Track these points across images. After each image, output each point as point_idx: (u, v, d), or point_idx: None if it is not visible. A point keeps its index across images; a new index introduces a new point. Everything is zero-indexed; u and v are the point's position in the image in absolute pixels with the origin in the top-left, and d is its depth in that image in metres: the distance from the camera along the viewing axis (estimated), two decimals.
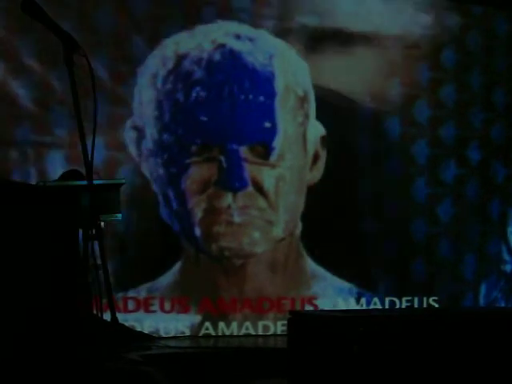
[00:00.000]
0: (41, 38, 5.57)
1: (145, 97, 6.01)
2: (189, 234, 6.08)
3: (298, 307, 6.24)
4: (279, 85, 6.25)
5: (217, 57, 6.13)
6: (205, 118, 6.06)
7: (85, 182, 3.58)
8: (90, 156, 3.22)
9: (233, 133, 6.11)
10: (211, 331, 6.10)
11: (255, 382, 4.50)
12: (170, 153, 6.03)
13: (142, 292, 5.96)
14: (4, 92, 5.65)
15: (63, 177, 4.52)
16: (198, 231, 6.07)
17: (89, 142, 3.23)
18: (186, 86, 6.06)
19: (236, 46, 6.17)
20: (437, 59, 6.76)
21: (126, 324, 5.62)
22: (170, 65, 6.06)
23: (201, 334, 6.06)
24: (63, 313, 3.40)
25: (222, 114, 6.09)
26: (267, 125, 6.20)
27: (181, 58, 6.08)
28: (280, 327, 6.20)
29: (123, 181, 4.60)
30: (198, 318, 6.08)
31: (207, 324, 6.09)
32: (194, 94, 6.05)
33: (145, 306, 5.96)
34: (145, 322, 5.92)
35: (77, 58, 3.28)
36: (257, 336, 6.19)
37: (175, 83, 6.05)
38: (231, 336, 6.12)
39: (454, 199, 6.80)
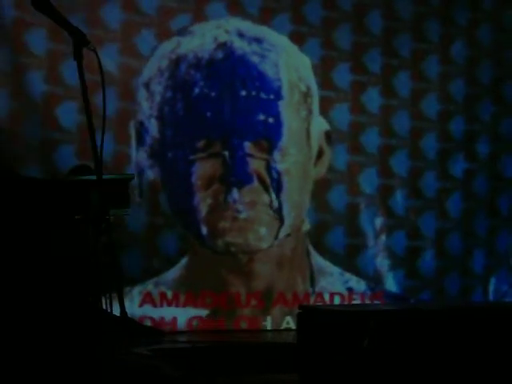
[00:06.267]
0: (50, 33, 5.58)
1: (149, 94, 6.00)
2: (194, 229, 6.07)
3: (305, 302, 6.23)
4: (283, 80, 6.25)
5: (219, 54, 6.13)
6: (208, 114, 6.06)
7: (94, 177, 3.57)
8: (99, 151, 3.21)
9: (236, 128, 6.11)
10: (218, 326, 6.10)
11: (264, 376, 4.51)
12: (175, 149, 6.03)
13: (149, 286, 5.97)
14: (13, 87, 5.65)
15: (72, 172, 4.52)
16: (203, 227, 6.07)
17: (98, 137, 3.23)
18: (190, 83, 6.06)
19: (239, 42, 6.17)
20: (447, 53, 6.74)
21: (135, 319, 5.64)
22: (172, 63, 6.05)
23: (208, 329, 6.06)
24: (73, 307, 3.41)
25: (225, 110, 6.09)
26: (271, 120, 6.20)
27: (183, 56, 6.07)
28: (288, 322, 6.19)
29: (132, 175, 4.60)
30: (205, 313, 6.08)
31: (214, 319, 6.09)
32: (197, 91, 6.05)
33: (152, 300, 5.97)
34: (153, 317, 5.93)
35: (86, 53, 3.27)
36: (265, 331, 6.18)
37: (178, 81, 6.05)
38: (238, 331, 6.11)
39: (463, 193, 6.79)
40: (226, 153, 6.08)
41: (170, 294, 6.00)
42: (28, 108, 5.67)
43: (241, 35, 6.18)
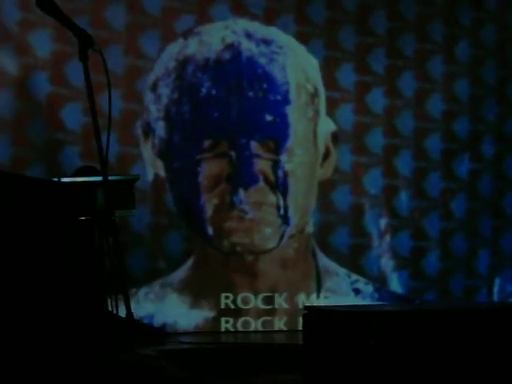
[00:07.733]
0: (55, 34, 5.58)
1: (156, 97, 6.01)
2: (200, 229, 6.08)
3: (310, 303, 6.23)
4: (290, 83, 6.25)
5: (227, 55, 6.13)
6: (215, 115, 6.06)
7: (99, 178, 3.58)
8: (104, 152, 3.22)
9: (243, 128, 6.11)
10: (224, 327, 6.10)
11: (269, 377, 4.51)
12: (182, 149, 6.04)
13: (155, 287, 5.97)
14: (18, 88, 5.66)
15: (77, 173, 4.53)
16: (209, 227, 6.07)
17: (103, 138, 3.23)
18: (197, 83, 6.06)
19: (246, 43, 6.17)
20: (451, 53, 6.73)
21: (140, 319, 5.64)
22: (180, 64, 6.05)
23: (213, 330, 6.06)
24: (78, 308, 3.41)
25: (232, 111, 6.09)
26: (277, 120, 6.20)
27: (190, 57, 6.08)
28: (293, 323, 6.18)
29: (137, 176, 4.61)
30: (210, 314, 6.08)
31: (220, 320, 6.09)
32: (204, 91, 6.06)
33: (158, 301, 5.97)
34: (158, 318, 5.93)
35: (91, 54, 3.28)
36: (270, 331, 6.18)
37: (185, 82, 6.05)
38: (243, 332, 6.11)
39: (468, 194, 6.78)
40: (233, 153, 6.08)
41: (175, 295, 6.00)
42: (33, 109, 5.67)
43: (249, 36, 6.18)
